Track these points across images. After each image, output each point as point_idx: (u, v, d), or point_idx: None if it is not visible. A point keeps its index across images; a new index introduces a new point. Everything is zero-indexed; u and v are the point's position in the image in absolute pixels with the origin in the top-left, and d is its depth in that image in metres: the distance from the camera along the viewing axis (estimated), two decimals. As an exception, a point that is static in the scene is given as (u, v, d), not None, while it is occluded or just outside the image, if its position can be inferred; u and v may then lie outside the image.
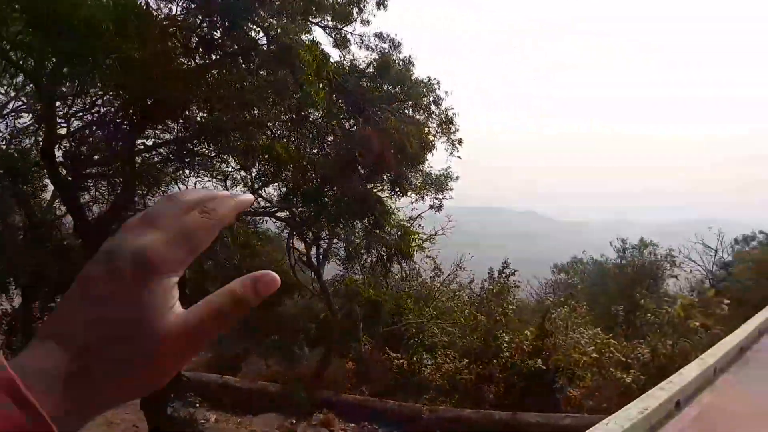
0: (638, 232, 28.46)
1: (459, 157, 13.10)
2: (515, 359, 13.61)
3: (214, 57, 9.40)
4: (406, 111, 12.67)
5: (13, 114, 11.95)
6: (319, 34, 11.16)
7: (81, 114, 11.03)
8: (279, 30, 8.57)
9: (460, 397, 13.48)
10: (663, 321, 12.96)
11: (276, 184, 12.53)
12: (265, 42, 9.29)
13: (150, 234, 0.46)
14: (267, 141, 10.35)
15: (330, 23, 11.16)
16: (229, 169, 11.88)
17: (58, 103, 9.82)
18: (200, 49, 9.09)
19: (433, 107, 12.54)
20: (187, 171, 11.15)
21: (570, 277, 24.75)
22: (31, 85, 10.37)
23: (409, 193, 12.96)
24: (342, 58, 11.76)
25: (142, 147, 10.29)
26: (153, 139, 10.54)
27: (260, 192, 12.17)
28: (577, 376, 13.13)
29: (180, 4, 9.11)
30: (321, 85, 9.72)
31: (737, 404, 4.32)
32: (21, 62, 8.80)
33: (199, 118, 10.00)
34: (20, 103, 12.26)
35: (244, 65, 9.48)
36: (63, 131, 10.20)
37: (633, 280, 21.43)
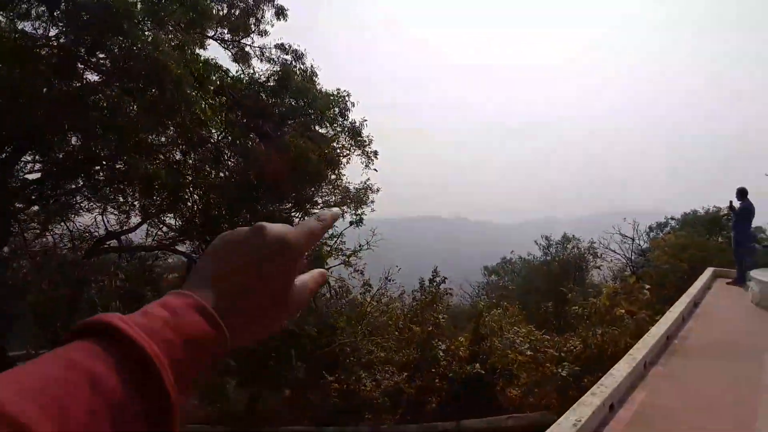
0: (563, 228, 29.44)
1: (375, 170, 12.90)
2: (453, 367, 13.45)
3: (87, 78, 8.48)
4: (312, 125, 12.19)
5: None
6: (216, 49, 10.55)
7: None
8: (148, 44, 7.77)
9: (403, 412, 13.11)
10: (590, 312, 13.19)
11: (172, 213, 11.58)
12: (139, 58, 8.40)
13: (287, 228, 0.62)
14: (157, 167, 9.45)
15: (227, 36, 10.54)
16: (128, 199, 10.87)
17: None
18: (68, 70, 8.12)
19: (340, 119, 12.15)
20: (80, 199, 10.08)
21: (501, 278, 25.12)
22: None
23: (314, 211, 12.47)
24: (242, 73, 11.15)
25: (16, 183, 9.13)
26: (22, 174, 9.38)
27: (158, 223, 11.20)
28: (515, 376, 13.13)
29: (41, 22, 8.14)
30: (211, 102, 9.04)
31: (671, 399, 4.19)
32: None
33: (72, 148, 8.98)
34: None
35: (117, 84, 8.58)
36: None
37: (560, 275, 21.96)
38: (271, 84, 11.25)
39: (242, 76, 11.15)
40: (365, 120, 12.84)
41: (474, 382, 13.42)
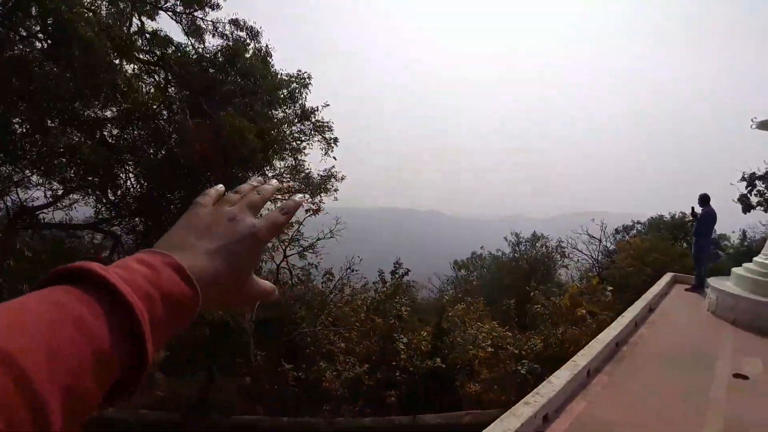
0: (537, 226, 29.58)
1: (334, 158, 12.61)
2: (414, 360, 13.36)
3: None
4: (260, 106, 11.53)
5: None
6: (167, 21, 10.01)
7: None
8: (61, 1, 7.24)
9: (363, 404, 13.00)
10: (551, 311, 13.24)
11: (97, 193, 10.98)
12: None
13: (253, 217, 0.67)
14: (81, 142, 8.90)
15: (179, 8, 9.99)
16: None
17: None
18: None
19: (290, 102, 11.59)
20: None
21: (470, 273, 25.08)
22: None
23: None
24: (191, 47, 10.56)
25: None
26: None
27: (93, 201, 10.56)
28: (475, 372, 13.12)
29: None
30: (137, 73, 8.49)
31: (610, 411, 4.02)
32: None
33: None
34: None
35: (28, 51, 8.03)
36: None
37: (528, 272, 22.04)
38: (220, 60, 10.73)
39: (189, 50, 10.55)
40: (327, 104, 12.52)
41: (434, 377, 13.37)
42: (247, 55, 10.47)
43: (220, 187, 0.72)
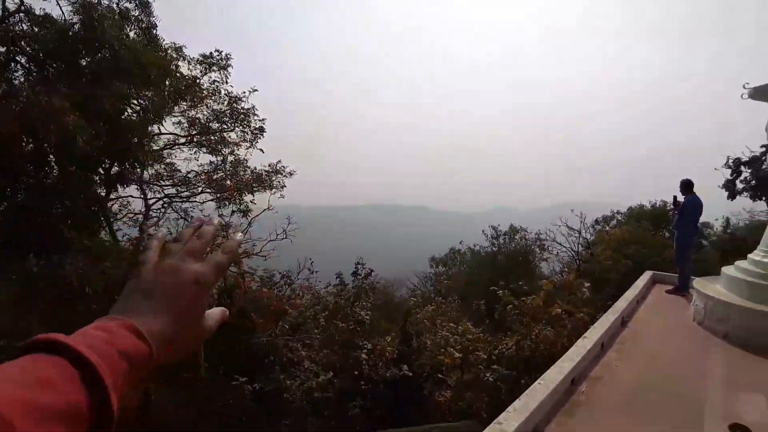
0: (521, 218, 28.74)
1: (261, 150, 11.57)
2: (379, 369, 12.41)
3: None
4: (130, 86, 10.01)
5: None
6: None
7: None
8: None
9: (327, 416, 12.07)
10: (524, 311, 12.30)
11: None
12: None
13: (196, 264, 0.69)
14: None
15: None
16: None
17: None
18: None
19: (166, 83, 10.23)
20: None
21: (448, 269, 24.16)
22: None
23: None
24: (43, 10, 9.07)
25: None
26: None
27: None
28: (443, 380, 12.22)
29: None
30: None
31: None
32: None
33: None
34: None
35: None
36: None
37: (507, 267, 21.24)
38: (78, 27, 9.21)
39: (34, 10, 9.01)
40: (254, 89, 11.46)
41: (402, 385, 12.45)
42: (130, 32, 9.09)
43: (161, 234, 0.75)
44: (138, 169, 11.48)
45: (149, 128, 11.29)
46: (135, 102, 10.26)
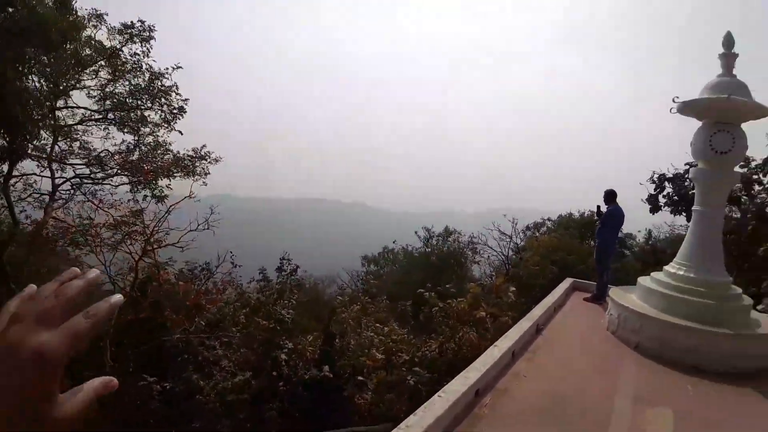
0: (463, 220, 28.96)
1: (180, 132, 10.90)
2: (299, 369, 11.96)
3: None
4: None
5: None
6: None
7: None
8: None
9: (242, 419, 11.51)
10: (449, 314, 12.22)
11: None
12: None
13: (45, 333, 0.53)
14: None
15: None
16: None
17: None
18: None
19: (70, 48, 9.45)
20: None
21: (380, 268, 23.92)
22: None
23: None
24: None
25: None
26: None
27: None
28: (367, 381, 11.92)
29: None
30: None
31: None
32: None
33: None
34: None
35: None
36: None
37: (439, 268, 21.30)
38: None
39: None
40: (178, 66, 10.79)
41: (321, 387, 12.05)
42: None
43: (28, 291, 0.60)
44: (36, 142, 10.44)
45: (56, 100, 10.34)
46: (37, 68, 9.31)
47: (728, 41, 6.58)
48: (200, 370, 12.26)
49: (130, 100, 11.14)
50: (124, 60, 11.22)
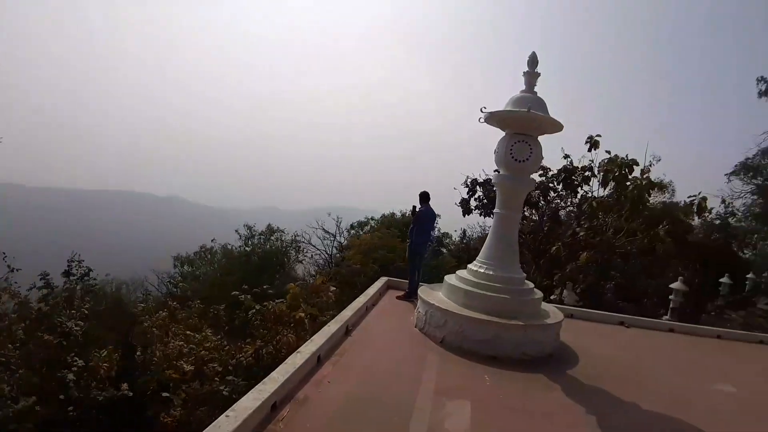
0: (289, 218, 28.17)
1: None
2: (91, 390, 10.34)
3: None
4: None
5: None
6: None
7: None
8: None
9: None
10: (268, 317, 11.68)
11: None
12: None
13: None
14: None
15: None
16: None
17: None
18: None
19: None
20: None
21: (195, 269, 22.23)
22: None
23: None
24: None
25: None
26: None
27: None
28: (174, 396, 10.72)
29: None
30: None
31: None
32: None
33: None
34: None
35: None
36: None
37: (261, 268, 20.53)
38: None
39: None
40: None
41: (119, 408, 10.62)
42: None
43: None
44: None
45: None
46: None
47: (533, 61, 7.24)
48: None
49: None
50: None
